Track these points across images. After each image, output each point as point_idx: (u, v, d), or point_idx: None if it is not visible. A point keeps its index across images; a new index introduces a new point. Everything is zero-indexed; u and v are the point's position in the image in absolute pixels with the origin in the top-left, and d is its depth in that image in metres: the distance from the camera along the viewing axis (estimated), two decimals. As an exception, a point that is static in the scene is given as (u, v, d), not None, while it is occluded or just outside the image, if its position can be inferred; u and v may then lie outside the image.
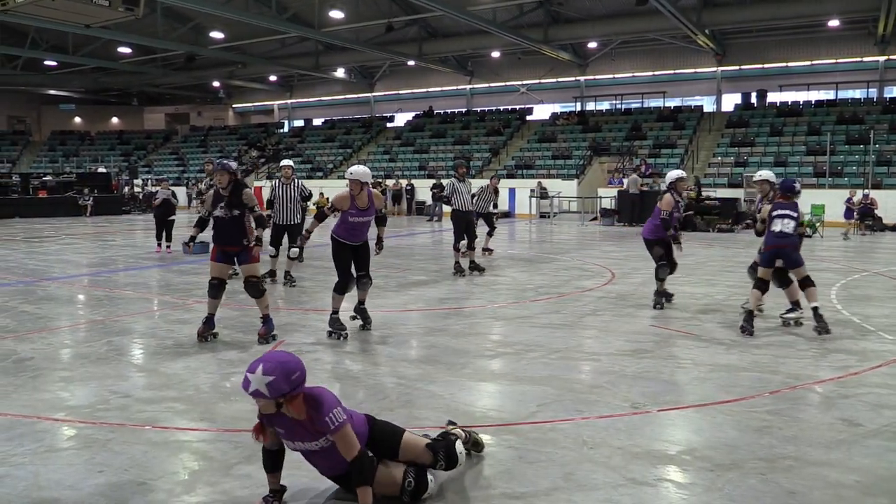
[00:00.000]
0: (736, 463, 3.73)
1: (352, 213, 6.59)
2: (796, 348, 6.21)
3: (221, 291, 6.61)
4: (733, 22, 26.83)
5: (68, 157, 42.15)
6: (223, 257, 6.56)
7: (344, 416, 3.13)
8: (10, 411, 4.55)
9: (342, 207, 6.61)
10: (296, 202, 10.03)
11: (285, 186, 9.93)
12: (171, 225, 14.12)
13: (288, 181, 9.96)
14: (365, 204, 6.61)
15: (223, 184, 6.48)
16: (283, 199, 9.94)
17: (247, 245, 6.49)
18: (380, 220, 6.97)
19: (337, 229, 6.72)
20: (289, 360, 3.15)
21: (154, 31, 27.85)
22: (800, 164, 24.41)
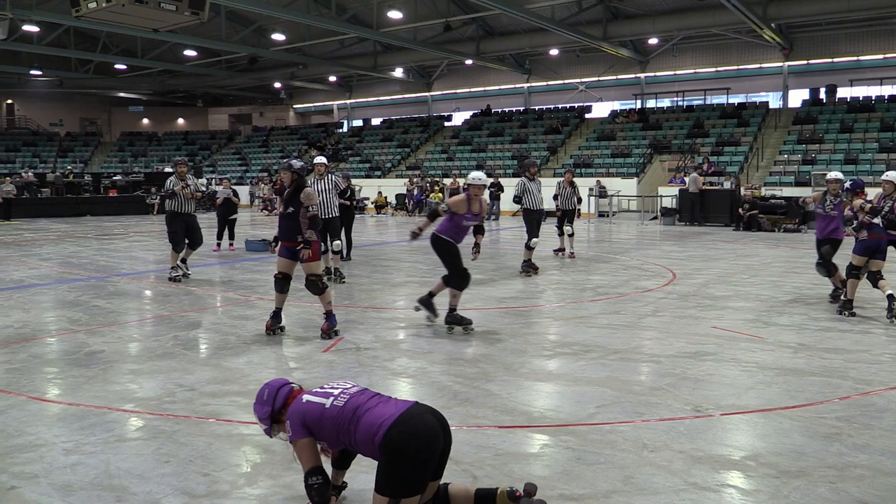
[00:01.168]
0: (803, 470, 3.62)
1: (466, 217, 7.01)
2: (869, 353, 5.97)
3: (286, 286, 6.79)
4: (802, 15, 25.91)
5: (137, 157, 43.55)
6: (287, 253, 6.76)
7: (291, 431, 3.07)
8: (82, 402, 4.73)
9: (458, 210, 6.97)
10: (331, 196, 10.11)
11: (318, 181, 10.00)
12: (233, 223, 14.41)
13: (321, 176, 10.05)
14: (477, 209, 7.08)
15: (287, 182, 6.65)
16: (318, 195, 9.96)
17: (302, 244, 6.60)
18: (479, 229, 7.33)
19: (446, 230, 7.00)
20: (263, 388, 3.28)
21: (218, 34, 28.54)
22: (871, 162, 23.49)
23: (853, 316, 7.48)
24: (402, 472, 2.77)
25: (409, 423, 2.83)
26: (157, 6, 10.80)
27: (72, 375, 5.39)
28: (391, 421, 2.84)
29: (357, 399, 3.04)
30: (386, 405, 2.96)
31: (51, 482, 3.50)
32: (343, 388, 3.13)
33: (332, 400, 3.05)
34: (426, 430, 2.82)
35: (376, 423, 2.87)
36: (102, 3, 10.64)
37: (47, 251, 14.38)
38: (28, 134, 44.08)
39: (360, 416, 2.94)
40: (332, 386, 3.18)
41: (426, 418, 2.86)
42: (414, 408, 2.93)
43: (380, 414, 2.91)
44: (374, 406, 2.97)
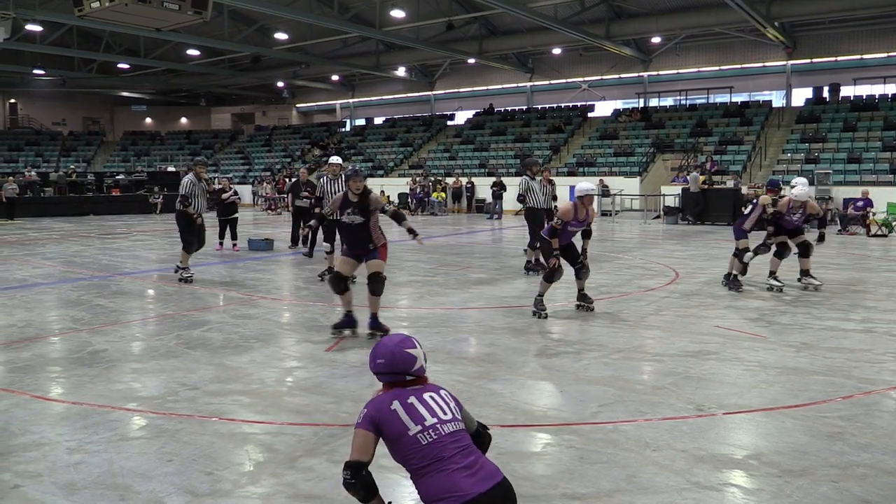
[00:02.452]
0: (806, 469, 3.61)
1: (573, 224, 7.68)
2: (872, 352, 5.97)
3: (343, 286, 6.73)
4: (805, 14, 25.86)
5: (140, 156, 43.60)
6: (352, 255, 6.72)
7: (359, 419, 2.80)
8: (85, 401, 4.74)
9: (566, 218, 7.54)
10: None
11: (332, 182, 9.88)
12: (234, 223, 14.40)
13: (335, 177, 9.92)
14: (584, 216, 7.71)
15: (358, 190, 6.55)
16: (331, 195, 9.69)
17: (374, 248, 6.59)
18: (586, 233, 7.95)
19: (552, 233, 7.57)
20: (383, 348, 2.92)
21: (221, 33, 28.58)
22: (875, 161, 23.45)
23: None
24: None
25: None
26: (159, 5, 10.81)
27: (75, 374, 5.40)
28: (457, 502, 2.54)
29: (442, 445, 2.65)
30: (465, 476, 2.59)
31: (54, 481, 3.51)
32: (438, 421, 2.71)
33: (418, 430, 2.68)
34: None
35: (443, 491, 2.57)
36: (105, 3, 10.65)
37: (50, 250, 14.41)
38: (31, 133, 44.16)
39: (434, 471, 2.62)
40: (429, 405, 2.77)
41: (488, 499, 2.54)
42: (491, 492, 2.57)
43: (452, 485, 2.57)
44: (453, 469, 2.60)
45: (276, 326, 7.28)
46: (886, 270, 11.24)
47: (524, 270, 10.88)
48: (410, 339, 2.96)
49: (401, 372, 2.86)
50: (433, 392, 2.85)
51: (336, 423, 4.31)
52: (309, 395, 4.89)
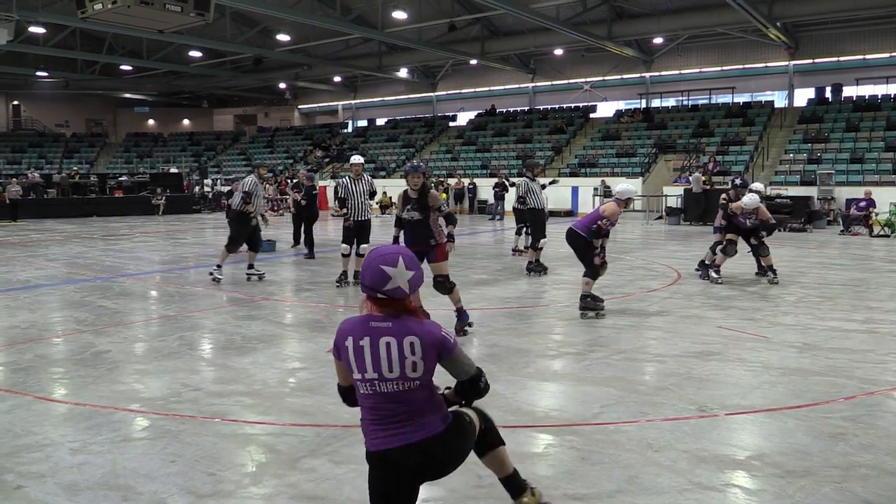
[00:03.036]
0: (809, 470, 3.61)
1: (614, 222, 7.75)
2: (875, 353, 5.96)
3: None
4: (807, 14, 25.85)
5: (142, 157, 43.67)
6: (412, 242, 6.74)
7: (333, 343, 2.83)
8: (88, 401, 4.75)
9: (615, 219, 7.62)
10: (366, 198, 9.82)
11: (356, 183, 9.72)
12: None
13: (358, 177, 9.76)
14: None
15: (416, 186, 6.58)
16: (356, 196, 9.68)
17: (434, 245, 6.59)
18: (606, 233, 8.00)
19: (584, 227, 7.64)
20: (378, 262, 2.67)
21: (223, 34, 28.63)
22: (878, 161, 23.42)
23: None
24: (370, 487, 2.71)
25: (372, 457, 2.67)
26: (162, 7, 10.82)
27: (78, 375, 5.41)
28: (369, 446, 2.68)
29: (374, 401, 2.65)
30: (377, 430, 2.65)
31: (57, 482, 3.52)
32: (378, 377, 2.61)
33: (359, 377, 2.64)
34: (386, 470, 2.64)
35: (363, 432, 2.71)
36: (108, 5, 10.67)
37: (53, 252, 14.44)
38: (34, 135, 44.25)
39: (363, 412, 2.70)
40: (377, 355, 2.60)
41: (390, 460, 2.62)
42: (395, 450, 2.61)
43: (366, 432, 2.69)
44: (374, 420, 2.66)
45: (278, 327, 7.28)
46: (889, 271, 11.22)
47: (526, 271, 10.87)
48: (395, 256, 2.65)
49: (370, 287, 2.65)
50: (394, 338, 2.62)
51: (338, 423, 4.31)
52: (311, 395, 4.89)
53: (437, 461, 2.67)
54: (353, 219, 9.69)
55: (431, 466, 2.68)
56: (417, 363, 2.62)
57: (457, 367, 2.78)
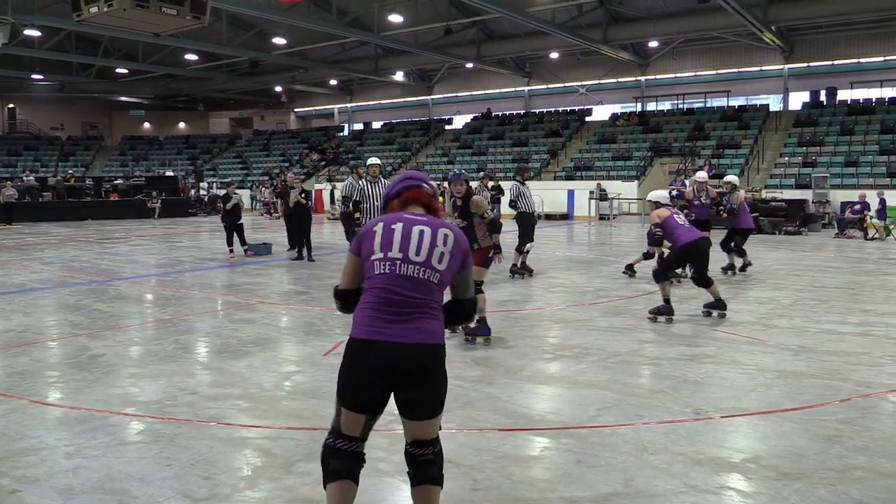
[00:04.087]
0: (804, 472, 3.62)
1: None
2: (869, 356, 5.98)
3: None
4: (802, 18, 25.94)
5: (138, 161, 43.60)
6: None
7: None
8: (83, 405, 4.73)
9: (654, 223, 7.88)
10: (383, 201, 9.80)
11: (372, 185, 9.66)
12: (241, 228, 14.09)
13: (375, 179, 9.69)
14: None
15: (461, 193, 6.62)
16: (372, 199, 9.61)
17: (477, 248, 6.58)
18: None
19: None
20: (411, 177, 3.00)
21: (219, 38, 28.60)
22: (872, 165, 23.52)
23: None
24: (340, 375, 2.70)
25: (357, 344, 2.63)
26: (158, 10, 10.82)
27: (73, 379, 5.40)
28: (353, 329, 2.66)
29: (387, 282, 2.62)
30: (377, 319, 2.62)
31: (52, 486, 3.51)
32: (403, 258, 2.63)
33: (379, 257, 2.66)
34: (368, 361, 2.60)
35: (357, 320, 2.68)
36: (104, 8, 10.66)
37: (49, 255, 14.41)
38: (29, 138, 44.15)
39: (367, 296, 2.68)
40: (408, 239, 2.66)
41: (388, 348, 2.57)
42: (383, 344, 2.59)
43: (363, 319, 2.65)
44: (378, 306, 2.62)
45: (274, 331, 7.28)
46: (884, 274, 11.26)
47: (510, 273, 10.88)
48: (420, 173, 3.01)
49: (412, 178, 2.89)
50: (431, 228, 2.69)
51: (334, 427, 4.31)
52: (307, 399, 4.89)
53: (423, 372, 2.62)
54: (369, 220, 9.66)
55: (415, 376, 2.62)
56: (445, 255, 2.65)
57: (466, 283, 2.81)
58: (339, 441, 2.73)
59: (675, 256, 7.79)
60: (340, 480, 2.69)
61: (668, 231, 7.71)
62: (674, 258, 7.82)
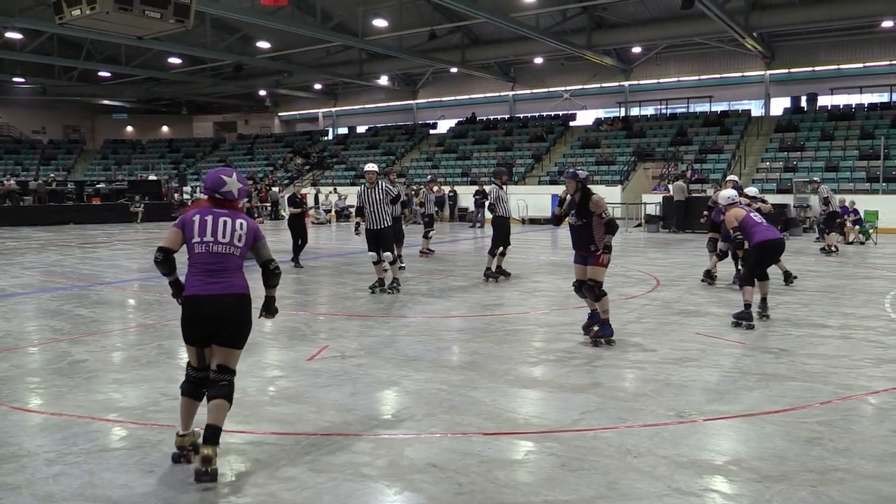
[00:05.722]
0: (785, 475, 3.66)
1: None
2: (849, 358, 6.05)
3: (581, 290, 6.79)
4: (783, 24, 26.24)
5: (120, 164, 43.25)
6: (579, 259, 6.78)
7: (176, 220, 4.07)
8: (65, 411, 4.69)
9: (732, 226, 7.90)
10: (383, 206, 9.68)
11: (369, 190, 9.67)
12: None
13: (372, 185, 9.70)
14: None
15: (571, 191, 6.66)
16: (370, 204, 9.62)
17: (594, 251, 6.56)
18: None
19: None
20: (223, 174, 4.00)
21: (203, 41, 28.47)
22: (852, 169, 23.79)
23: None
24: (181, 323, 3.87)
25: (189, 304, 3.81)
26: (141, 14, 10.75)
27: (54, 385, 5.35)
28: (188, 291, 3.84)
29: (204, 257, 3.82)
30: (197, 280, 3.82)
31: (33, 493, 3.48)
32: (214, 241, 3.83)
33: (197, 240, 3.83)
34: (205, 307, 3.77)
35: (187, 285, 3.87)
36: (86, 11, 10.57)
37: (30, 260, 14.26)
38: (10, 141, 43.68)
39: (191, 269, 3.85)
40: (216, 226, 3.85)
41: (209, 300, 3.78)
42: (202, 297, 3.79)
43: (189, 282, 3.85)
44: (198, 273, 3.82)
45: (258, 335, 7.23)
46: (863, 277, 11.40)
47: (483, 278, 10.89)
48: (231, 171, 4.00)
49: (210, 189, 3.91)
50: (230, 219, 3.88)
51: (318, 431, 4.30)
52: (291, 404, 4.88)
53: (230, 313, 3.82)
54: (369, 227, 9.67)
55: (225, 317, 3.80)
56: (242, 236, 3.88)
57: (262, 252, 4.03)
58: (188, 370, 3.92)
59: (755, 255, 7.68)
60: (184, 397, 3.91)
61: (746, 229, 7.69)
62: (754, 258, 7.71)
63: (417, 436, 4.25)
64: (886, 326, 7.37)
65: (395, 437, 4.23)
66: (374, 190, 9.67)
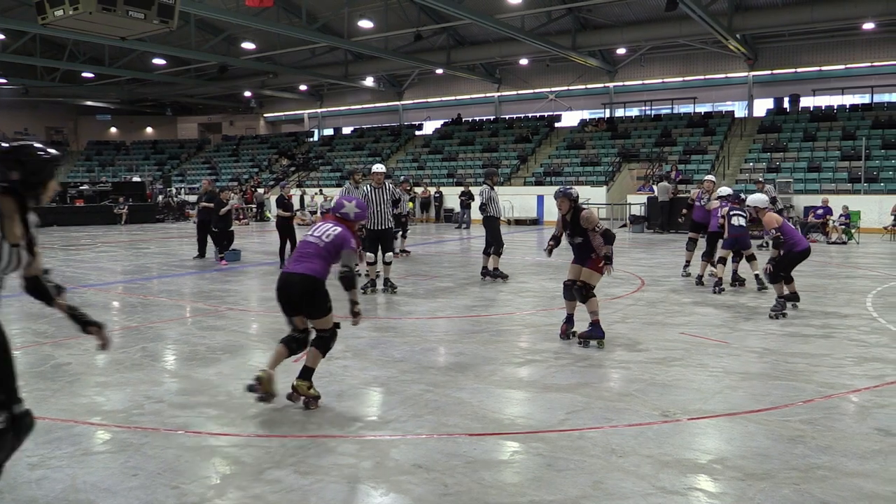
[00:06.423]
0: (768, 473, 3.69)
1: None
2: (831, 357, 6.11)
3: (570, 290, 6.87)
4: (766, 26, 26.45)
5: (104, 166, 42.96)
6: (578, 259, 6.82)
7: None
8: (47, 415, 4.65)
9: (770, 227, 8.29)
10: (387, 207, 9.78)
11: (376, 191, 9.73)
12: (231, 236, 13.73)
13: (379, 186, 9.77)
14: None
15: (563, 210, 6.72)
16: (374, 204, 9.67)
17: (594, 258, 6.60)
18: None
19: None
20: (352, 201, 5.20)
21: (187, 42, 28.32)
22: (834, 170, 24.02)
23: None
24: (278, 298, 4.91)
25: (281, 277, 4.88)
26: (125, 14, 10.67)
27: (37, 388, 5.30)
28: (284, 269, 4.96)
29: (303, 245, 4.92)
30: (292, 262, 4.92)
31: (15, 497, 3.45)
32: (312, 236, 4.92)
33: (309, 234, 5.00)
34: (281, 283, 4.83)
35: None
36: (69, 11, 10.48)
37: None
38: (-9, 143, 43.20)
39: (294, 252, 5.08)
40: (319, 228, 4.97)
41: (286, 277, 4.83)
42: (286, 274, 4.83)
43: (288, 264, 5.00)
44: (295, 256, 4.93)
45: (243, 338, 7.22)
46: (846, 277, 11.51)
47: (481, 276, 10.95)
48: (353, 198, 5.22)
49: (333, 210, 5.15)
50: (332, 225, 4.97)
51: (304, 433, 4.29)
52: (276, 406, 4.86)
53: (304, 290, 4.74)
54: (371, 227, 9.71)
55: (298, 292, 4.76)
56: (327, 238, 4.86)
57: (343, 258, 4.82)
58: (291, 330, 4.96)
59: (791, 260, 8.30)
60: (280, 344, 4.94)
61: (786, 235, 8.24)
62: (788, 262, 8.28)
63: (403, 437, 4.25)
64: (868, 325, 7.44)
65: (381, 439, 4.23)
66: (380, 190, 9.77)
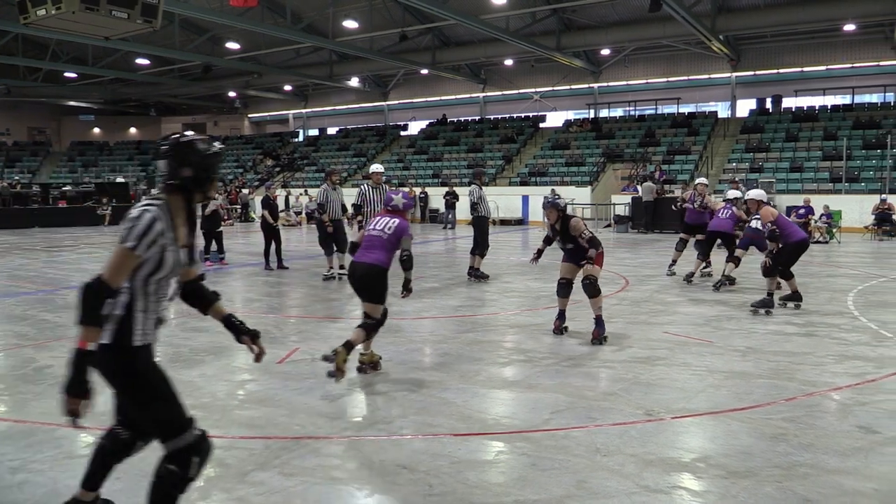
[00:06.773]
0: (751, 471, 3.72)
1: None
2: (813, 355, 6.17)
3: (568, 291, 7.02)
4: (748, 27, 26.70)
5: (87, 167, 42.62)
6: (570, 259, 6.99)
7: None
8: (29, 418, 4.61)
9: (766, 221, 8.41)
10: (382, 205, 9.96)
11: (374, 190, 9.83)
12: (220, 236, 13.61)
13: (377, 185, 9.90)
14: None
15: (552, 220, 6.88)
16: (373, 204, 9.80)
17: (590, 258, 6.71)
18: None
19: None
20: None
21: (171, 42, 28.14)
22: (816, 170, 24.25)
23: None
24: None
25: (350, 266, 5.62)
26: (108, 14, 10.58)
27: (19, 392, 5.25)
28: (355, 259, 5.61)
29: (368, 238, 5.59)
30: (360, 251, 5.58)
31: (-4, 501, 3.42)
32: (373, 228, 5.63)
33: (369, 227, 5.71)
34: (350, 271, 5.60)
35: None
36: (52, 11, 10.38)
37: (-8, 264, 13.97)
38: (-27, 144, 42.80)
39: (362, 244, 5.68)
40: (379, 222, 5.65)
41: (353, 266, 5.55)
42: (356, 263, 5.54)
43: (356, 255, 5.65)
44: (363, 248, 5.58)
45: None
46: (827, 276, 11.62)
47: (467, 276, 11.00)
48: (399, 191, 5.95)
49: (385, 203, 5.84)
50: (389, 218, 5.64)
51: (288, 435, 4.28)
52: (261, 407, 4.84)
53: (369, 277, 5.44)
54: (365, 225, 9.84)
55: (363, 279, 5.46)
56: (388, 230, 5.55)
57: (403, 244, 5.52)
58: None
59: (789, 253, 8.35)
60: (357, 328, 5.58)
61: (782, 228, 8.31)
62: (787, 255, 8.34)
63: (388, 437, 4.25)
64: (849, 324, 7.52)
65: (366, 440, 4.23)
66: (379, 190, 9.88)
